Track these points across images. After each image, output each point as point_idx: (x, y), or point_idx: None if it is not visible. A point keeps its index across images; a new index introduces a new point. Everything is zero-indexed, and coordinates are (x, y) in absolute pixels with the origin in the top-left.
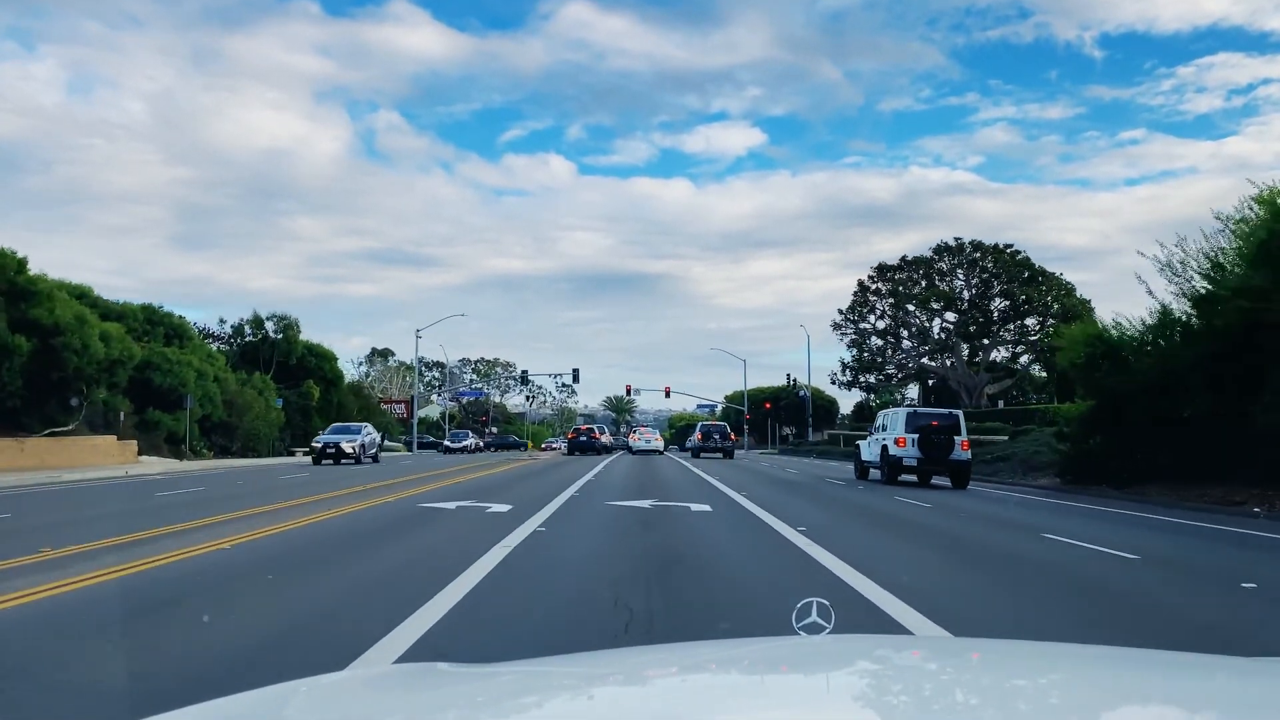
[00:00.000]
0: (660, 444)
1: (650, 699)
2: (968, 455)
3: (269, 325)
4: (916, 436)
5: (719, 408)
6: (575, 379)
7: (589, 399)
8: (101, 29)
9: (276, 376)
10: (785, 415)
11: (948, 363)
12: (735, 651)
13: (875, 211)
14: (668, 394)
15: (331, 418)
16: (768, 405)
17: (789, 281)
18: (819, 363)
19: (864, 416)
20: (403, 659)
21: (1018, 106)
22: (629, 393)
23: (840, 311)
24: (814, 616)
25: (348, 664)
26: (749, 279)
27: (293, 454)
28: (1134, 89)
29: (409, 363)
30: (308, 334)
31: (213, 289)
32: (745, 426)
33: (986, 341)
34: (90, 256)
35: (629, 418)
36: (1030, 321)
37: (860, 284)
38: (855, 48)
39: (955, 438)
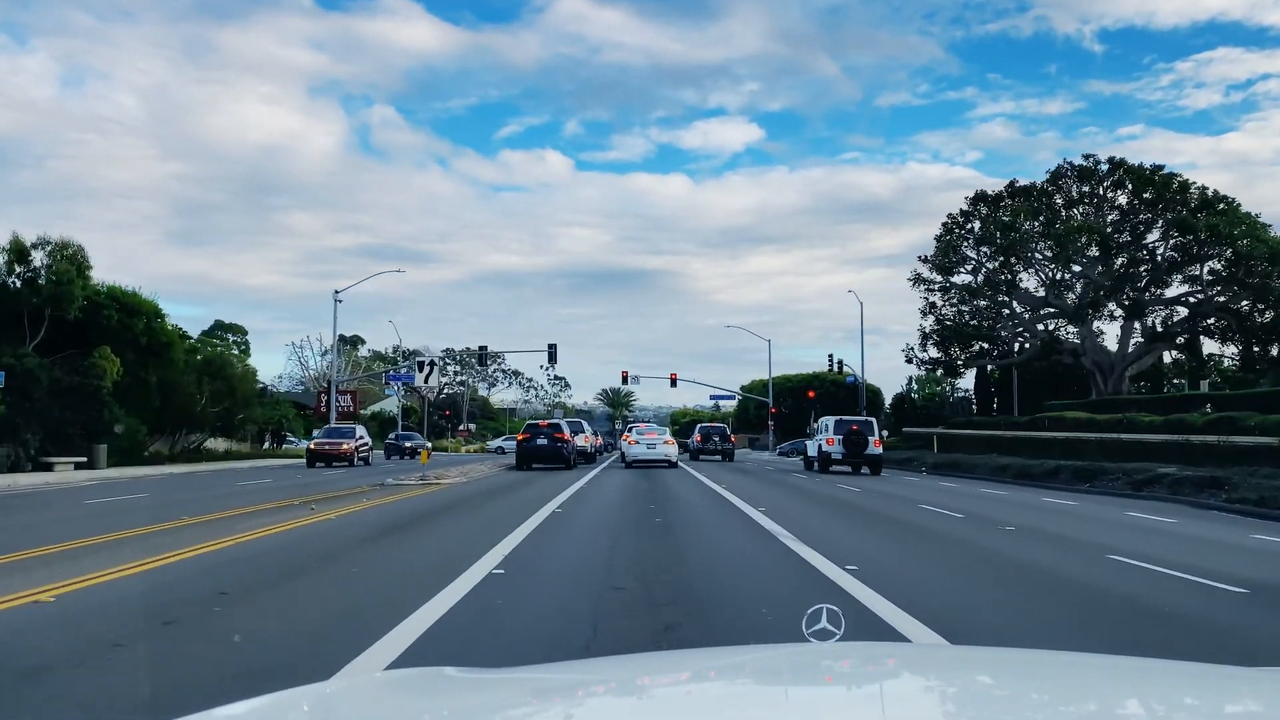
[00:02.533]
0: (672, 449)
1: (658, 708)
2: (879, 451)
3: (38, 257)
4: (841, 437)
5: (735, 400)
6: (552, 358)
7: (586, 394)
8: (92, 21)
9: (47, 344)
10: (823, 407)
11: (1055, 331)
12: (742, 658)
13: (873, 207)
14: (674, 382)
15: (150, 407)
16: (811, 394)
17: (787, 278)
18: (811, 352)
19: (908, 410)
20: None
21: (1016, 102)
22: (625, 380)
23: (923, 259)
24: (824, 623)
25: None
26: (747, 275)
27: (48, 468)
28: (1133, 84)
29: (384, 351)
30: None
31: (210, 286)
32: (771, 423)
33: (1127, 300)
34: (88, 253)
35: (626, 413)
36: (1213, 266)
37: (949, 221)
38: (853, 41)
39: (869, 438)
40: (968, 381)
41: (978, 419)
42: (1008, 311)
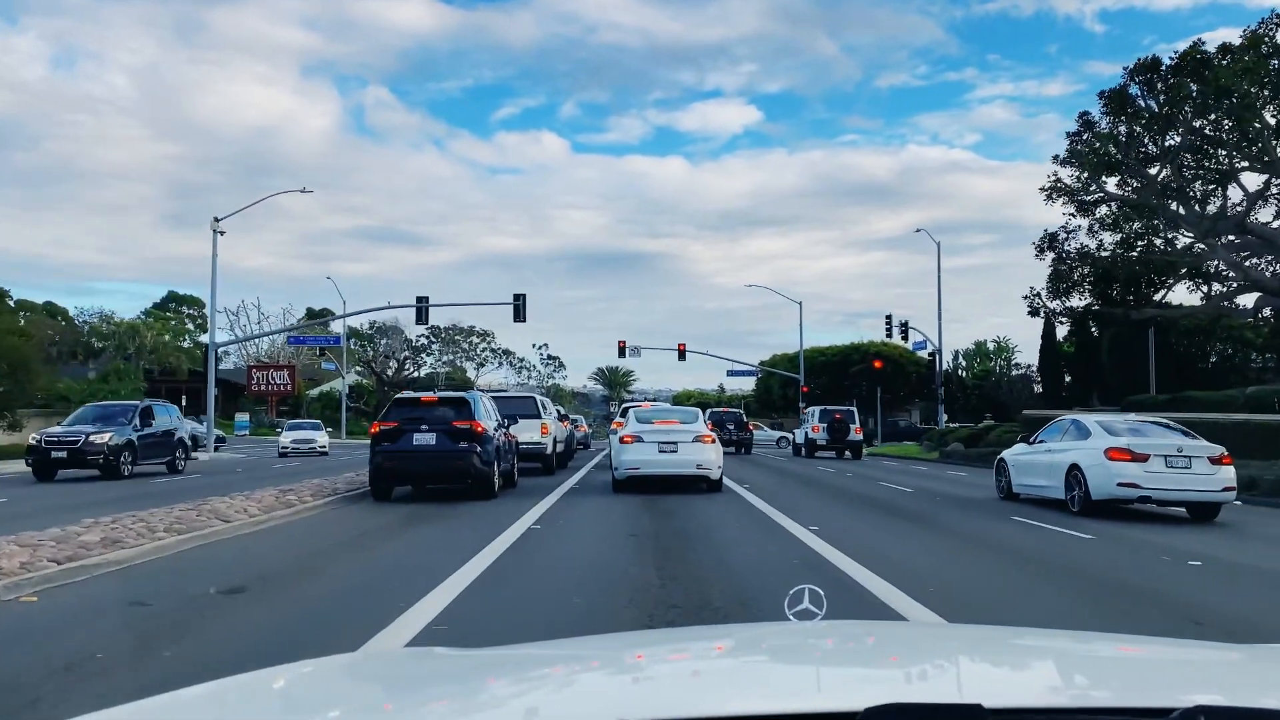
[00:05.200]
0: (711, 451)
1: (640, 684)
2: (860, 437)
3: None
4: (826, 425)
5: (754, 378)
6: (519, 315)
7: (585, 378)
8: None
9: None
10: (870, 385)
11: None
12: (725, 637)
13: (872, 190)
14: (682, 354)
15: None
16: (878, 365)
17: (787, 260)
18: (812, 335)
19: (956, 390)
20: None
21: (1015, 83)
22: (623, 352)
23: (1060, 159)
24: (806, 603)
25: None
26: (747, 258)
27: None
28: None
29: (360, 327)
30: None
31: (206, 268)
32: (803, 404)
33: None
34: (83, 235)
35: (625, 394)
36: None
37: (1098, 108)
38: (851, 20)
39: (850, 425)
40: (1028, 355)
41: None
42: (1189, 238)
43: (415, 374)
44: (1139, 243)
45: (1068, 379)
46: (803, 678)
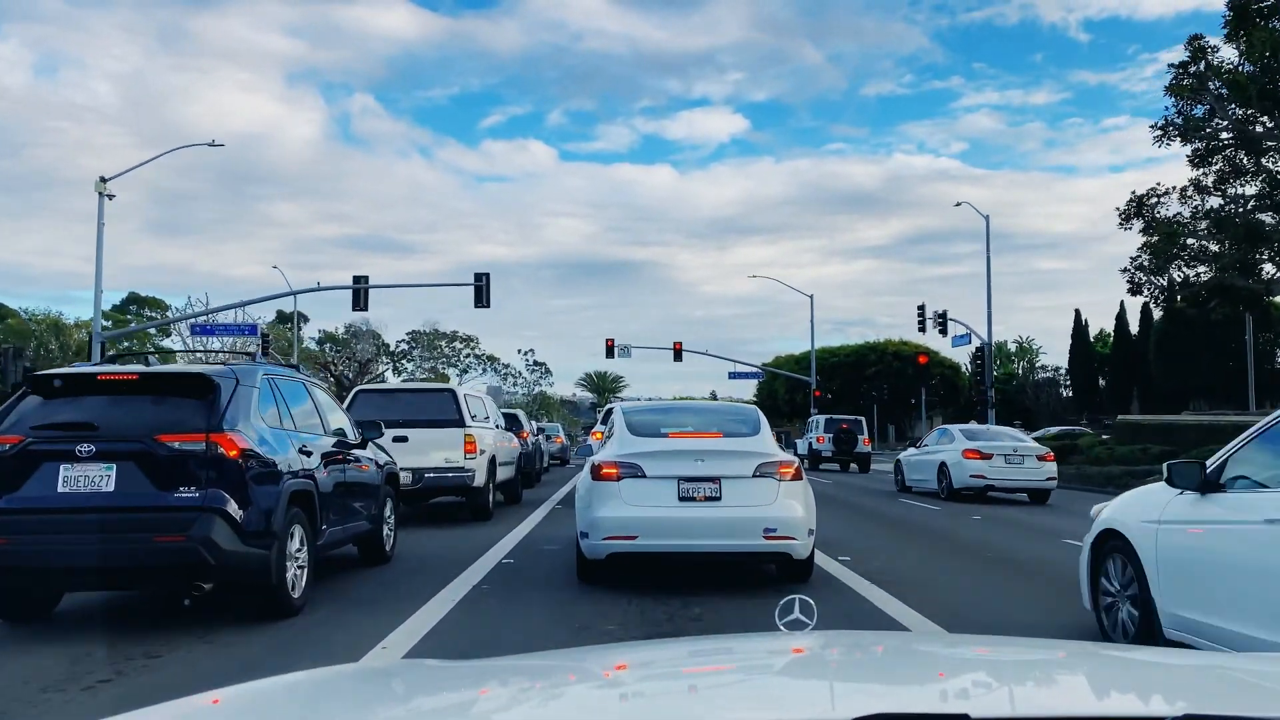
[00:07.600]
0: (794, 500)
1: (628, 700)
2: (868, 449)
3: None
4: (831, 435)
5: (757, 381)
6: (480, 297)
7: (572, 385)
8: (64, 6)
9: None
10: (895, 390)
11: None
12: (714, 647)
13: (859, 198)
14: (678, 354)
15: None
16: (923, 360)
17: (775, 269)
18: (781, 349)
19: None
20: None
21: (1001, 92)
22: (611, 352)
23: (1172, 89)
24: (796, 613)
25: None
26: (735, 266)
27: None
28: (1119, 74)
29: (334, 330)
30: None
31: (192, 277)
32: (815, 410)
33: None
34: (67, 243)
35: (613, 400)
36: None
37: (1207, 35)
38: (837, 29)
39: (858, 436)
40: (1058, 357)
41: None
42: None
43: (383, 378)
44: (1269, 200)
45: (1102, 382)
46: (791, 688)
